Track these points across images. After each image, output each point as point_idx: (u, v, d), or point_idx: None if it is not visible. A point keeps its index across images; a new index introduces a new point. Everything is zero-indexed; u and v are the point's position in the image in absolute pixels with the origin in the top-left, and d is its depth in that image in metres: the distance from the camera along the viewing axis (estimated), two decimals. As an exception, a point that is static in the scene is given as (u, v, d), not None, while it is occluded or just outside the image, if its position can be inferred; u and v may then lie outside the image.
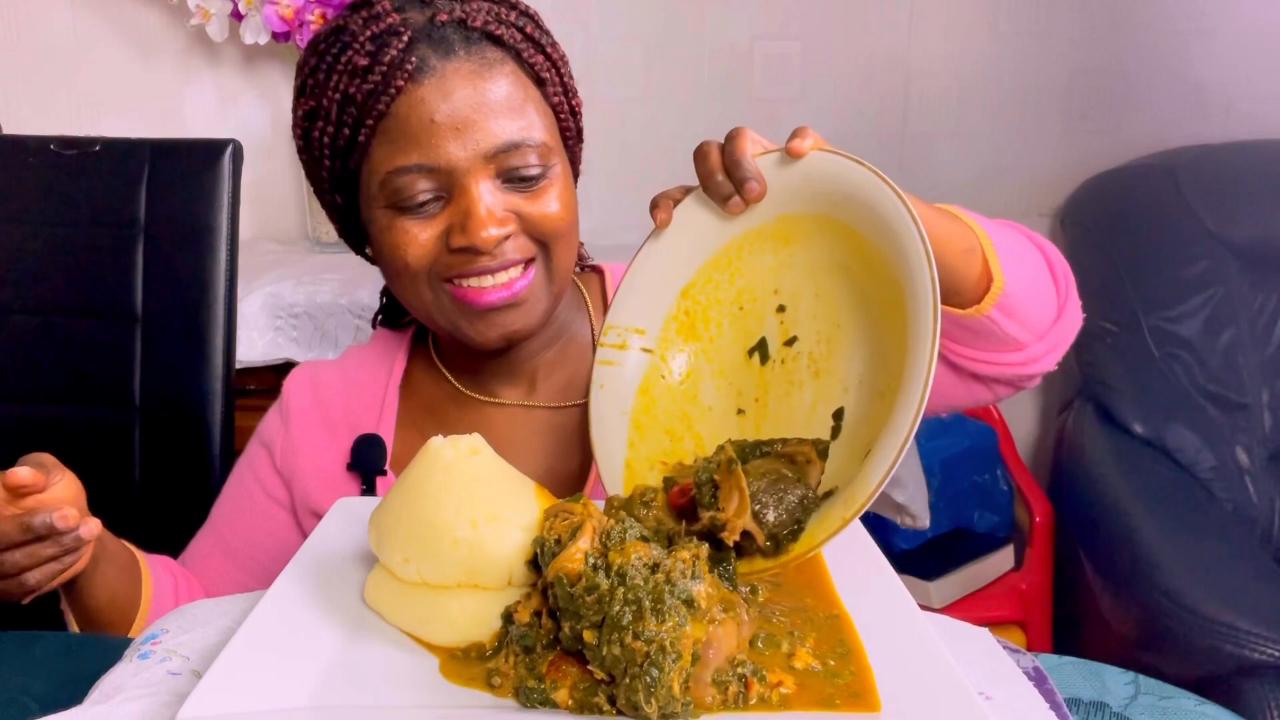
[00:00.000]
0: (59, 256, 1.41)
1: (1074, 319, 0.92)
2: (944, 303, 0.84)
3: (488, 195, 0.83)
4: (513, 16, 0.87)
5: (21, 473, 0.75)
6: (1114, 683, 0.97)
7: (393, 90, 0.82)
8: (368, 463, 0.95)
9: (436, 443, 0.72)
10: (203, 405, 1.37)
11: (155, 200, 1.41)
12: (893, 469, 0.65)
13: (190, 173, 1.41)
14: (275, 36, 1.94)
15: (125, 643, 0.76)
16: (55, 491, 0.79)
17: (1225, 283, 1.81)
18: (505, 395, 0.98)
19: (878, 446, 0.68)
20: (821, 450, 0.75)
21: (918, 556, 1.85)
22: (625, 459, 0.81)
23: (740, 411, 0.83)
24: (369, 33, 0.83)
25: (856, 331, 0.78)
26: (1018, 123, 2.07)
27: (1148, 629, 1.46)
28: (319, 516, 0.95)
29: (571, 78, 0.93)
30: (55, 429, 1.41)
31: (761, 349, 0.83)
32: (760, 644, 0.65)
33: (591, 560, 0.60)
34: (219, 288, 1.39)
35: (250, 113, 2.14)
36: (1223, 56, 2.00)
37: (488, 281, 0.86)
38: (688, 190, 0.84)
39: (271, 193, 2.17)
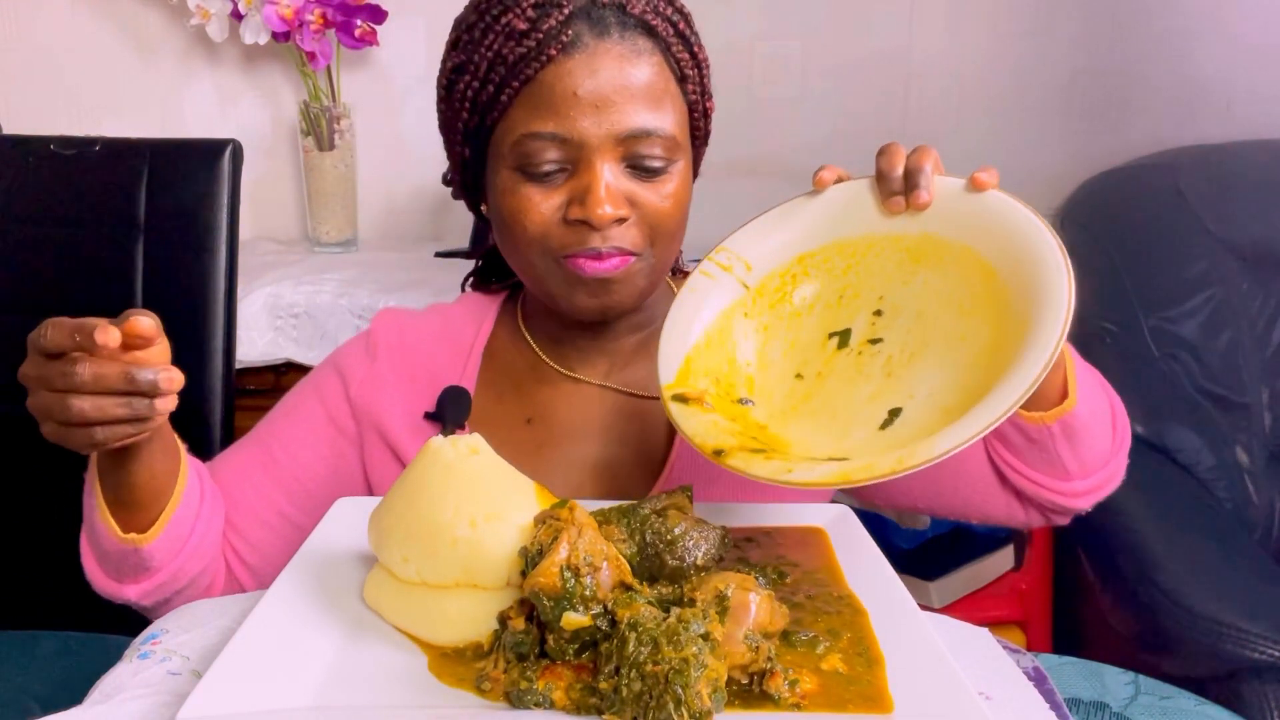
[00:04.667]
0: (59, 256, 1.41)
1: (1118, 473, 0.96)
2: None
3: (610, 175, 0.87)
4: (669, 11, 0.90)
5: (144, 322, 0.71)
6: (1114, 683, 0.97)
7: (544, 58, 0.85)
8: (453, 413, 0.97)
9: (436, 442, 0.73)
10: (203, 405, 1.37)
11: (155, 200, 1.41)
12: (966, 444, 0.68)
13: (190, 173, 1.41)
14: (275, 36, 1.93)
15: (125, 643, 0.76)
16: (154, 353, 0.74)
17: (1225, 283, 1.81)
18: (584, 373, 1.00)
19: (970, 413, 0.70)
20: (688, 498, 0.77)
21: (918, 556, 1.85)
22: (687, 355, 0.84)
23: (799, 376, 0.85)
24: (532, 0, 0.87)
25: (943, 358, 0.80)
26: (1018, 123, 2.07)
27: (1148, 629, 1.46)
28: (395, 453, 0.97)
29: (709, 81, 0.96)
30: (55, 429, 1.40)
31: (844, 336, 0.85)
32: (796, 640, 0.66)
33: (598, 622, 0.61)
34: (219, 288, 1.39)
35: (250, 113, 2.14)
36: (1223, 56, 2.00)
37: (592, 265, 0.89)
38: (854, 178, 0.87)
39: (271, 193, 2.17)
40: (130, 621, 0.89)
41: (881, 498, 0.96)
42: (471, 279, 1.11)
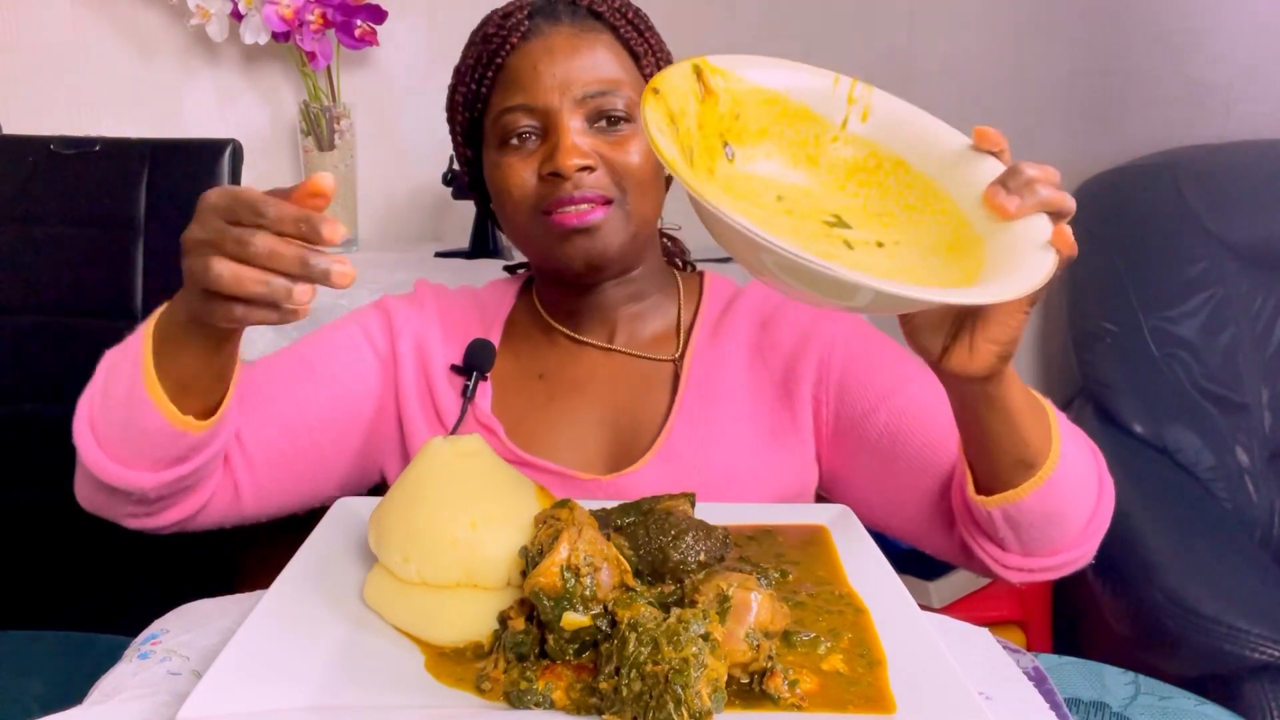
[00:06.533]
0: (59, 256, 1.42)
1: (1070, 564, 0.95)
2: (977, 477, 0.88)
3: (576, 133, 0.97)
4: (617, 4, 1.03)
5: (325, 179, 0.71)
6: (1114, 683, 0.97)
7: (508, 46, 1.00)
8: (479, 362, 1.05)
9: (437, 443, 0.73)
10: (203, 405, 1.37)
11: (155, 200, 1.41)
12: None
13: (190, 173, 1.41)
14: (275, 36, 1.93)
15: (125, 643, 0.76)
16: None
17: (1225, 283, 1.81)
18: (590, 336, 1.09)
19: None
20: (691, 503, 0.78)
21: (918, 556, 1.84)
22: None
23: (779, 198, 0.76)
24: (503, 11, 1.04)
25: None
26: (1018, 123, 2.07)
27: (1148, 629, 1.46)
28: (430, 389, 1.04)
29: None
30: (55, 429, 1.40)
31: (841, 223, 0.76)
32: (796, 641, 0.66)
33: (598, 622, 0.62)
34: (219, 288, 1.39)
35: (250, 113, 2.14)
36: (1223, 56, 2.00)
37: (570, 210, 0.97)
38: None
39: (271, 193, 2.17)
40: (130, 621, 0.89)
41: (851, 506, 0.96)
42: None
